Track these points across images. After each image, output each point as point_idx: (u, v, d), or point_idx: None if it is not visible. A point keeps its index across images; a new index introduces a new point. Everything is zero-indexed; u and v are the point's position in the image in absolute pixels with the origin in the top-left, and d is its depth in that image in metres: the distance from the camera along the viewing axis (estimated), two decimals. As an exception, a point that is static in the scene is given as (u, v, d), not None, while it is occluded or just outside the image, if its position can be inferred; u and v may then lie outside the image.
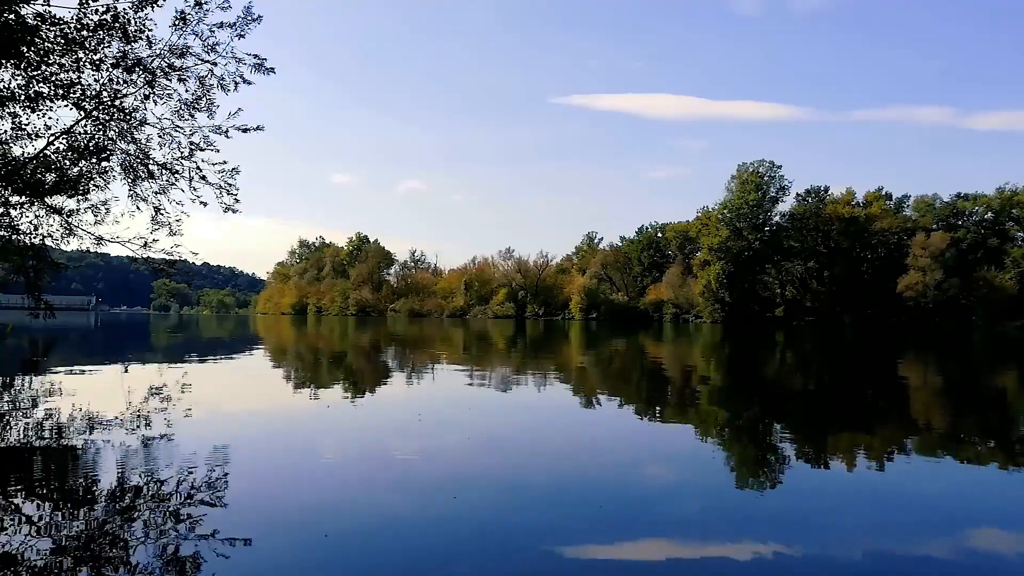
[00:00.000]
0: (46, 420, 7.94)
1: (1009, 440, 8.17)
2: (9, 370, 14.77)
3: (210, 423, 8.26)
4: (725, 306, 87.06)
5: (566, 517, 4.67)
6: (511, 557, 3.95)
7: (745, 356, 23.99)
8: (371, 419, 9.00)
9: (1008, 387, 14.51)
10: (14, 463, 5.92)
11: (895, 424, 9.22)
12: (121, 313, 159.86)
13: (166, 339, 33.20)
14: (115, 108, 11.55)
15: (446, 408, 10.08)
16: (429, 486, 5.41)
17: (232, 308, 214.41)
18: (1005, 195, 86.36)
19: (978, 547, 4.32)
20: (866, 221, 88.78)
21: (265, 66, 11.76)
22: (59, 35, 10.36)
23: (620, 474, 6.04)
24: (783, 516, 4.85)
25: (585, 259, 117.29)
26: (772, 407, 10.93)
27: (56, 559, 3.72)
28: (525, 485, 5.57)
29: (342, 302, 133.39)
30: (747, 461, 6.70)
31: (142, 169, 12.18)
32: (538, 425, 8.78)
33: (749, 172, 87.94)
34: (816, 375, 17.11)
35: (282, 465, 6.14)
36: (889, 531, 4.50)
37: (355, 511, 4.81)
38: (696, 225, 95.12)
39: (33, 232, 12.10)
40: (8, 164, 11.27)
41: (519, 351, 25.25)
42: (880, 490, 5.55)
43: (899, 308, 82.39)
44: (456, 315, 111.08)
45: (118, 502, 4.77)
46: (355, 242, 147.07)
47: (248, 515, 4.56)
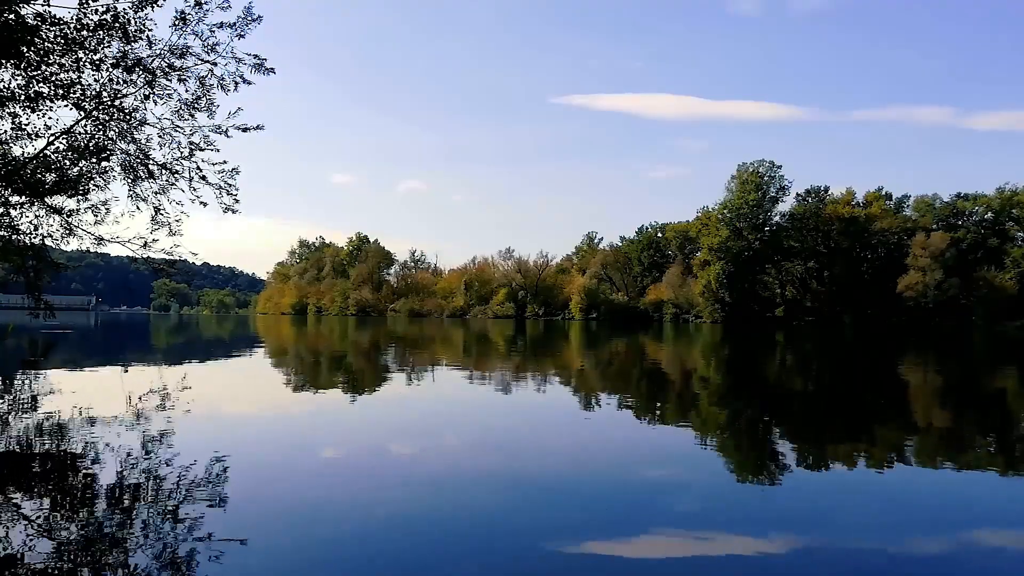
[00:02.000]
0: (46, 420, 7.94)
1: (1009, 440, 8.16)
2: (9, 370, 14.77)
3: (210, 423, 8.26)
4: (725, 306, 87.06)
5: (567, 517, 4.67)
6: (512, 557, 3.95)
7: (745, 356, 23.99)
8: (371, 419, 9.00)
9: (1008, 387, 14.50)
10: (14, 463, 5.91)
11: (895, 424, 9.22)
12: (121, 313, 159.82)
13: (166, 339, 33.21)
14: (115, 108, 11.55)
15: (446, 408, 10.08)
16: (429, 485, 5.41)
17: (232, 308, 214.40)
18: (1005, 195, 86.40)
19: (978, 547, 4.32)
20: (866, 221, 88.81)
21: (265, 66, 11.76)
22: (59, 35, 10.35)
23: (620, 474, 6.05)
24: (783, 516, 4.84)
25: (585, 259, 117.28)
26: (772, 407, 10.93)
27: (56, 559, 3.71)
28: (526, 485, 5.56)
29: (342, 302, 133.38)
30: (747, 461, 6.70)
31: (142, 169, 12.18)
32: (539, 425, 8.78)
33: (749, 172, 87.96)
34: (816, 375, 17.11)
35: (282, 465, 6.14)
36: (889, 531, 4.50)
37: (355, 511, 4.80)
38: (696, 225, 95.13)
39: (33, 232, 12.10)
40: (8, 164, 11.26)
41: (519, 351, 25.25)
42: (880, 490, 5.55)
43: (899, 308, 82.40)
44: (456, 315, 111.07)
45: (117, 502, 4.77)
46: (355, 242, 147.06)
47: (247, 515, 4.56)
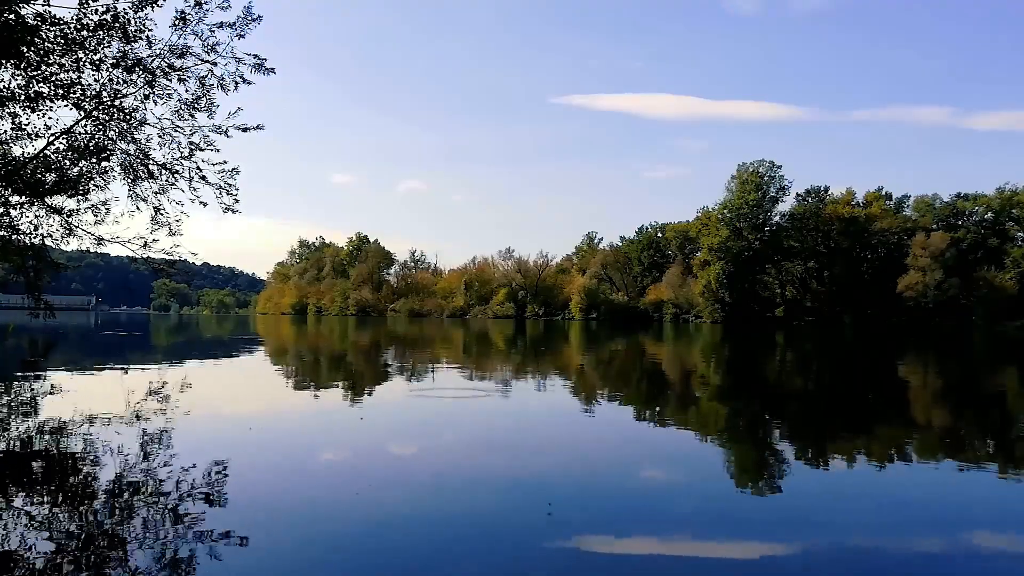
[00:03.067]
0: (46, 420, 7.94)
1: (1009, 440, 8.16)
2: (9, 370, 14.77)
3: (210, 423, 8.26)
4: (725, 306, 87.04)
5: (567, 517, 4.66)
6: (512, 557, 3.94)
7: (745, 356, 23.99)
8: (371, 418, 8.99)
9: (1008, 387, 14.50)
10: (14, 463, 5.91)
11: (895, 424, 9.22)
12: (121, 313, 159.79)
13: (166, 339, 33.21)
14: (115, 108, 11.56)
15: (446, 408, 10.07)
16: (429, 485, 5.41)
17: (232, 308, 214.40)
18: (1005, 195, 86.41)
19: (978, 547, 4.32)
20: (866, 221, 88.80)
21: (265, 66, 11.77)
22: (59, 35, 10.36)
23: (620, 474, 6.04)
24: (783, 516, 4.84)
25: (585, 259, 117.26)
26: (772, 407, 10.93)
27: (55, 559, 3.71)
28: (526, 484, 5.56)
29: (342, 302, 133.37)
30: (747, 461, 6.70)
31: (142, 169, 12.19)
32: (539, 425, 8.78)
33: (749, 172, 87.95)
34: (816, 375, 17.11)
35: (282, 465, 6.13)
36: (889, 530, 4.49)
37: (355, 511, 4.80)
38: (696, 225, 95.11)
39: (33, 232, 12.11)
40: (8, 164, 11.27)
41: (519, 351, 25.24)
42: (880, 490, 5.54)
43: (899, 308, 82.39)
44: (456, 315, 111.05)
45: (117, 501, 4.77)
46: (355, 242, 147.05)
47: (247, 514, 4.56)
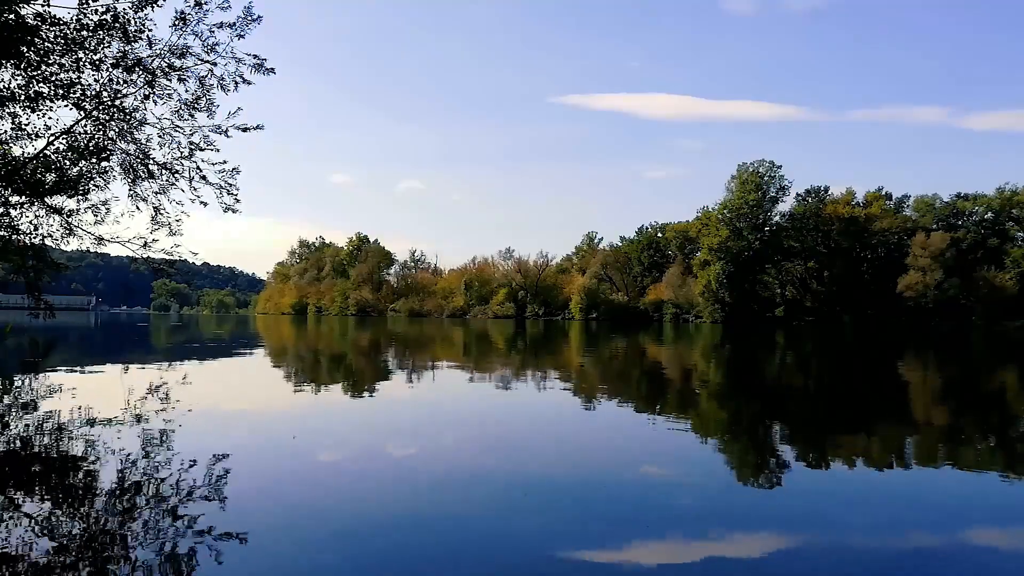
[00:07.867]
0: (46, 420, 7.95)
1: (1009, 439, 8.17)
2: (9, 370, 14.77)
3: (210, 422, 8.26)
4: (725, 306, 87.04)
5: (567, 516, 4.67)
6: (512, 557, 3.95)
7: (745, 356, 23.99)
8: (371, 418, 9.00)
9: (1008, 387, 14.51)
10: (14, 463, 5.92)
11: (895, 423, 9.22)
12: (121, 313, 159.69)
13: (166, 339, 33.20)
14: (115, 108, 11.56)
15: (446, 408, 10.08)
16: (429, 485, 5.41)
17: (232, 308, 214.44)
18: (1005, 195, 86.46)
19: (978, 547, 4.32)
20: (866, 221, 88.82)
21: (265, 66, 11.77)
22: (59, 35, 10.36)
23: (620, 473, 6.05)
24: (784, 515, 4.85)
25: (585, 259, 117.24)
26: (772, 407, 10.93)
27: (56, 558, 3.72)
28: (526, 484, 5.56)
29: (342, 302, 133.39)
30: (748, 461, 6.70)
31: (142, 169, 12.19)
32: (539, 425, 8.78)
33: (749, 172, 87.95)
34: (816, 375, 17.11)
35: (282, 464, 6.14)
36: (889, 530, 4.50)
37: (356, 510, 4.81)
38: (696, 225, 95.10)
39: (33, 232, 12.10)
40: (8, 164, 11.27)
41: (519, 351, 25.25)
42: (880, 489, 5.55)
43: (899, 308, 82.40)
44: (456, 315, 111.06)
45: (117, 501, 4.77)
46: (355, 242, 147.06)
47: (248, 514, 4.56)
